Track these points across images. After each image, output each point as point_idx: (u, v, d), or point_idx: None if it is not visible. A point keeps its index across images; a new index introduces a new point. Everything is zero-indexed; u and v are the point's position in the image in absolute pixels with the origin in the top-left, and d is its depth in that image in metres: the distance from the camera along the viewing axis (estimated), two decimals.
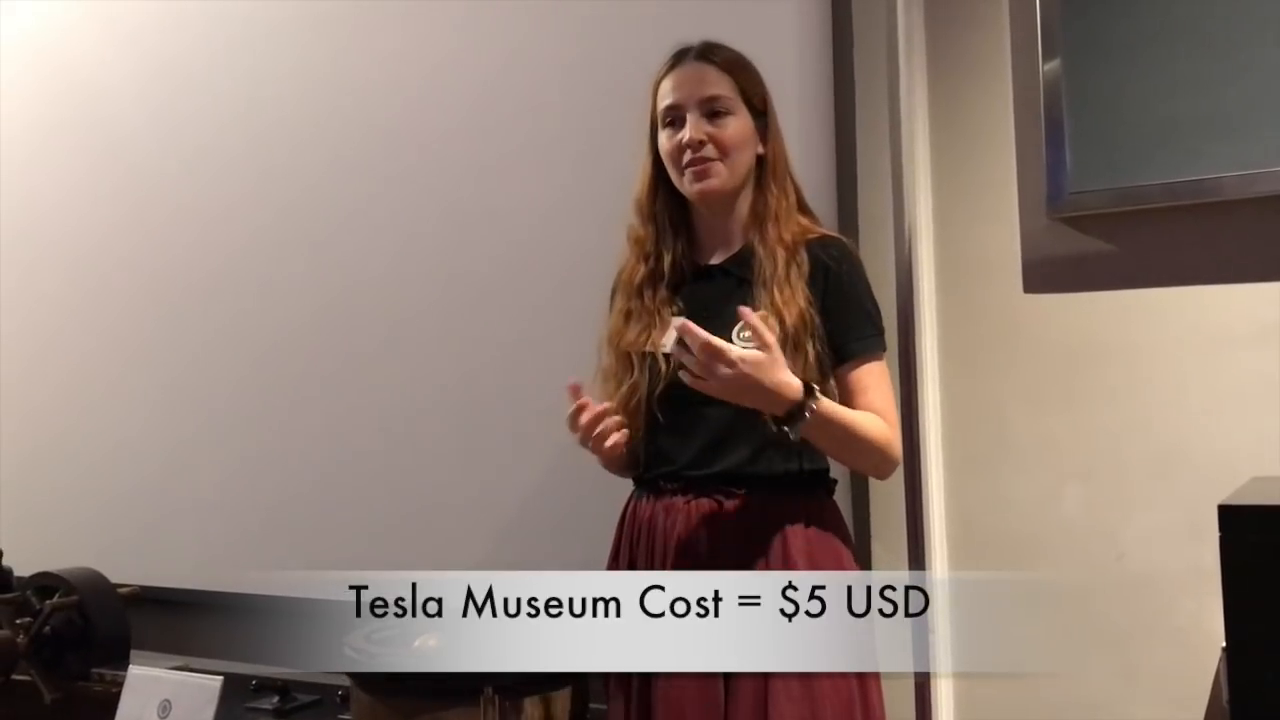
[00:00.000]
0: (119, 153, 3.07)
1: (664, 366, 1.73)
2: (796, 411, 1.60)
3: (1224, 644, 1.56)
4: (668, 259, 1.82)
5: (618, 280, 1.89)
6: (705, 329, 1.57)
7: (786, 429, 1.62)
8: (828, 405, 1.65)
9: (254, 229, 2.84)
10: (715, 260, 1.83)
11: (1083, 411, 2.07)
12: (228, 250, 2.87)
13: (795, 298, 1.71)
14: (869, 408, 1.72)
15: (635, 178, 1.87)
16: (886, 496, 2.18)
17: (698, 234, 1.85)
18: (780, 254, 1.74)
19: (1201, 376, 1.98)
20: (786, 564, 1.68)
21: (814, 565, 1.69)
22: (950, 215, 2.19)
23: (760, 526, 1.71)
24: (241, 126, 2.87)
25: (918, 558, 2.14)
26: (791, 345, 1.68)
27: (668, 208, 1.84)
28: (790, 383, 1.60)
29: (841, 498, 1.84)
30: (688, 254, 1.84)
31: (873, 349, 1.75)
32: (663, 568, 1.74)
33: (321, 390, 2.72)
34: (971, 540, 2.16)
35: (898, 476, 2.14)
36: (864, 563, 2.15)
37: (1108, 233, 2.05)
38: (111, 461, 3.01)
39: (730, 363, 1.54)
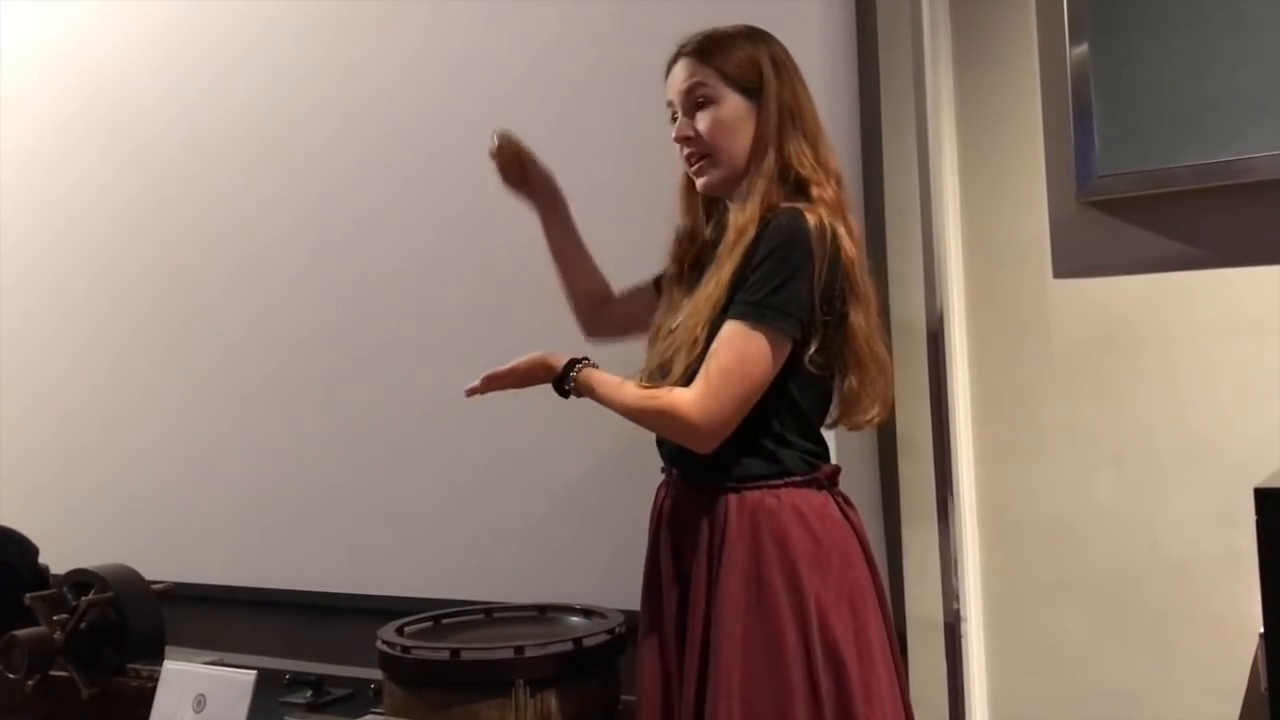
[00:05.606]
0: (145, 157, 3.08)
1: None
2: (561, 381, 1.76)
3: (1261, 629, 1.54)
4: (692, 251, 1.79)
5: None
6: None
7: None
8: (588, 382, 1.74)
9: (282, 229, 2.85)
10: None
11: (1114, 397, 2.05)
12: (255, 250, 2.88)
13: (719, 272, 1.65)
14: (703, 371, 1.62)
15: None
16: (917, 484, 2.16)
17: None
18: (731, 236, 1.67)
19: (1234, 360, 1.96)
20: (713, 565, 1.65)
21: (752, 564, 1.62)
22: (978, 200, 2.18)
23: (708, 517, 1.67)
24: (265, 128, 2.88)
25: (948, 545, 2.12)
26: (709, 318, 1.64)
27: (700, 198, 1.79)
28: (552, 363, 1.78)
29: (870, 485, 1.83)
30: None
31: (741, 315, 1.60)
32: (662, 550, 1.75)
33: (352, 387, 2.72)
34: (1003, 528, 2.14)
35: (927, 464, 2.14)
36: (894, 551, 2.15)
37: (1137, 216, 2.03)
38: (145, 461, 3.03)
39: (499, 376, 1.81)
